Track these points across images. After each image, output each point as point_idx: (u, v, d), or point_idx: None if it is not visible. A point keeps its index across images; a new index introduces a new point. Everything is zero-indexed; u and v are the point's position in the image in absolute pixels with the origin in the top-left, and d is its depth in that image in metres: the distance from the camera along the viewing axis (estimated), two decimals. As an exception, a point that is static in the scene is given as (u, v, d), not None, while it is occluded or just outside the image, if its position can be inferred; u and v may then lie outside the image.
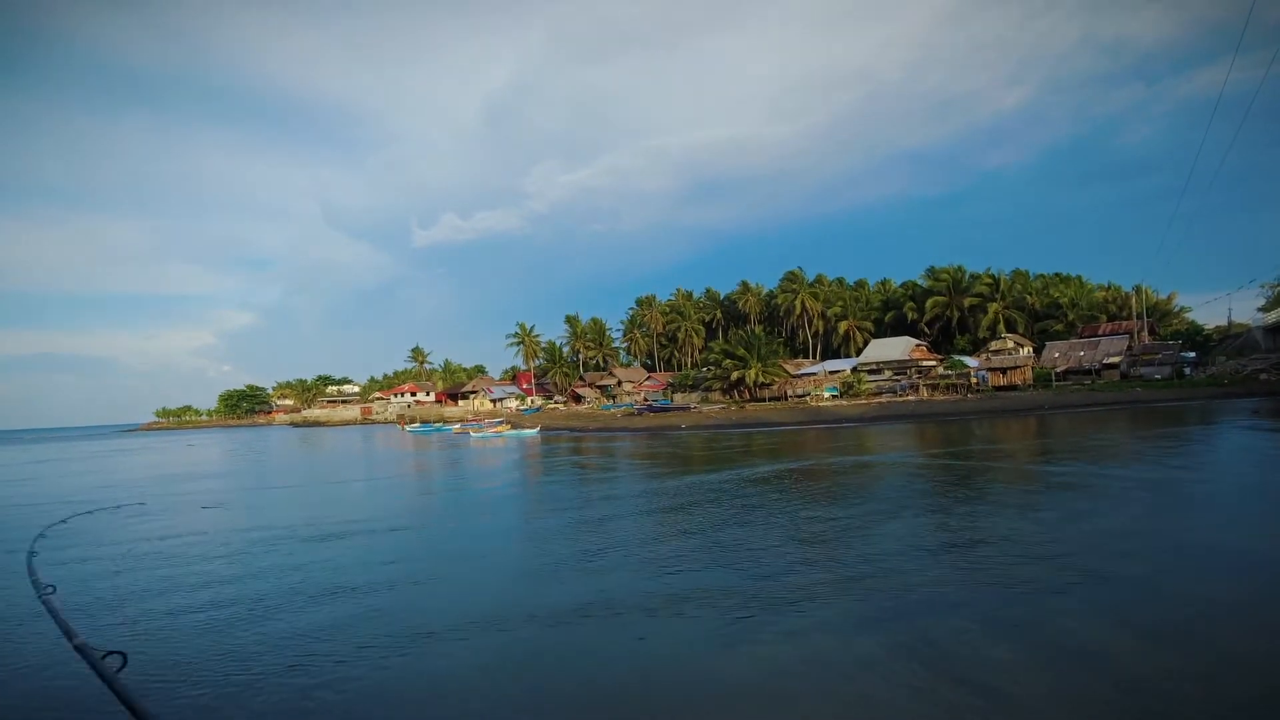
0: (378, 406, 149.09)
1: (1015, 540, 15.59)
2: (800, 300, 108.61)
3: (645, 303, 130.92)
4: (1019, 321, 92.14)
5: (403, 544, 20.22)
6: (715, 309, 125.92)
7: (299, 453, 68.65)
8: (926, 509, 20.33)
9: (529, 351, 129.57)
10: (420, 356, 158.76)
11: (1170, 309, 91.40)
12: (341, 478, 41.53)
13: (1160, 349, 77.64)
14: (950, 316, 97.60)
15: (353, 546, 19.56)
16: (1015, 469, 28.17)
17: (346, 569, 16.62)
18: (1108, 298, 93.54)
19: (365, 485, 37.17)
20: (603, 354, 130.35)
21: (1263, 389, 62.60)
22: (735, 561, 15.12)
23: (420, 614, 12.72)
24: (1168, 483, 22.93)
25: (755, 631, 10.87)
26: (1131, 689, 8.27)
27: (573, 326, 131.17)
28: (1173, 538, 15.60)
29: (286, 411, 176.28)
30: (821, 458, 36.20)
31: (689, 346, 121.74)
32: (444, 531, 22.63)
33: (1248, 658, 9.05)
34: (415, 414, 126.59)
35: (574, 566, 15.75)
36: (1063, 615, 10.73)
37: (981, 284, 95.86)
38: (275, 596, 14.33)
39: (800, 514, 20.48)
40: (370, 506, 28.82)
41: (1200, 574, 12.74)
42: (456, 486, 35.44)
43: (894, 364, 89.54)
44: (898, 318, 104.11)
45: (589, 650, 10.69)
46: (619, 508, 23.76)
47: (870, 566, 14.08)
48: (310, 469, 49.73)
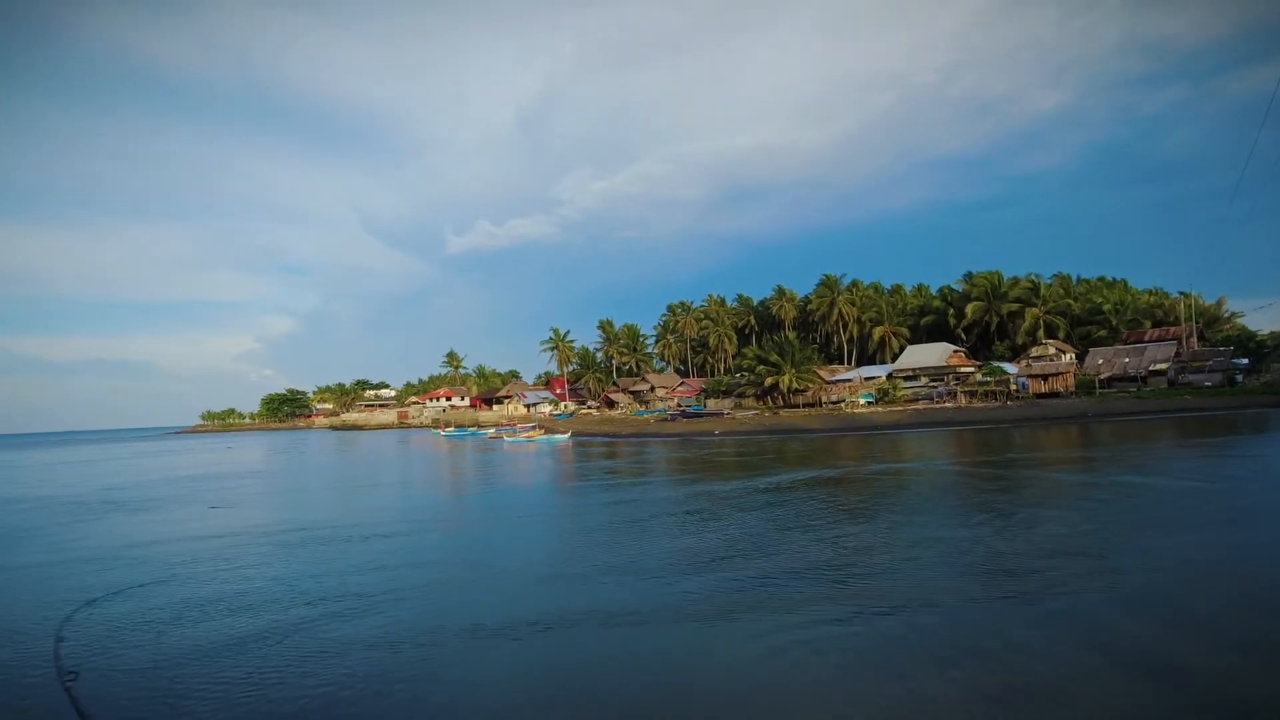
0: (414, 410, 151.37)
1: (1032, 553, 15.29)
2: (836, 306, 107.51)
3: (678, 308, 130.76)
4: (1060, 327, 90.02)
5: (430, 547, 20.52)
6: (748, 315, 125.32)
7: (336, 456, 69.99)
8: (954, 521, 20.01)
9: (563, 356, 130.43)
10: (455, 361, 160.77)
11: (1220, 314, 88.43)
12: (378, 481, 42.24)
13: (1210, 355, 75.16)
14: (989, 322, 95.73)
15: (380, 549, 19.91)
16: (1056, 479, 27.55)
17: (374, 571, 16.93)
18: (1153, 303, 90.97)
19: (399, 489, 37.78)
20: (636, 359, 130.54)
21: (1320, 397, 60.28)
22: (762, 569, 15.04)
23: (443, 617, 12.88)
24: (1210, 494, 22.24)
25: (780, 639, 10.81)
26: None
27: (606, 332, 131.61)
28: (1200, 554, 15.14)
29: (325, 415, 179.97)
30: (856, 465, 35.80)
31: (722, 352, 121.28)
32: (471, 536, 22.90)
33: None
34: (450, 418, 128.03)
35: (603, 572, 15.81)
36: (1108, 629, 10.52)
37: (1021, 289, 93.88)
38: (308, 602, 14.67)
39: (831, 523, 20.31)
40: (403, 509, 29.29)
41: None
42: (488, 491, 35.81)
43: (931, 370, 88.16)
44: (934, 323, 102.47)
45: (613, 654, 10.74)
46: (647, 513, 23.78)
47: (898, 577, 13.94)
48: (346, 471, 50.67)
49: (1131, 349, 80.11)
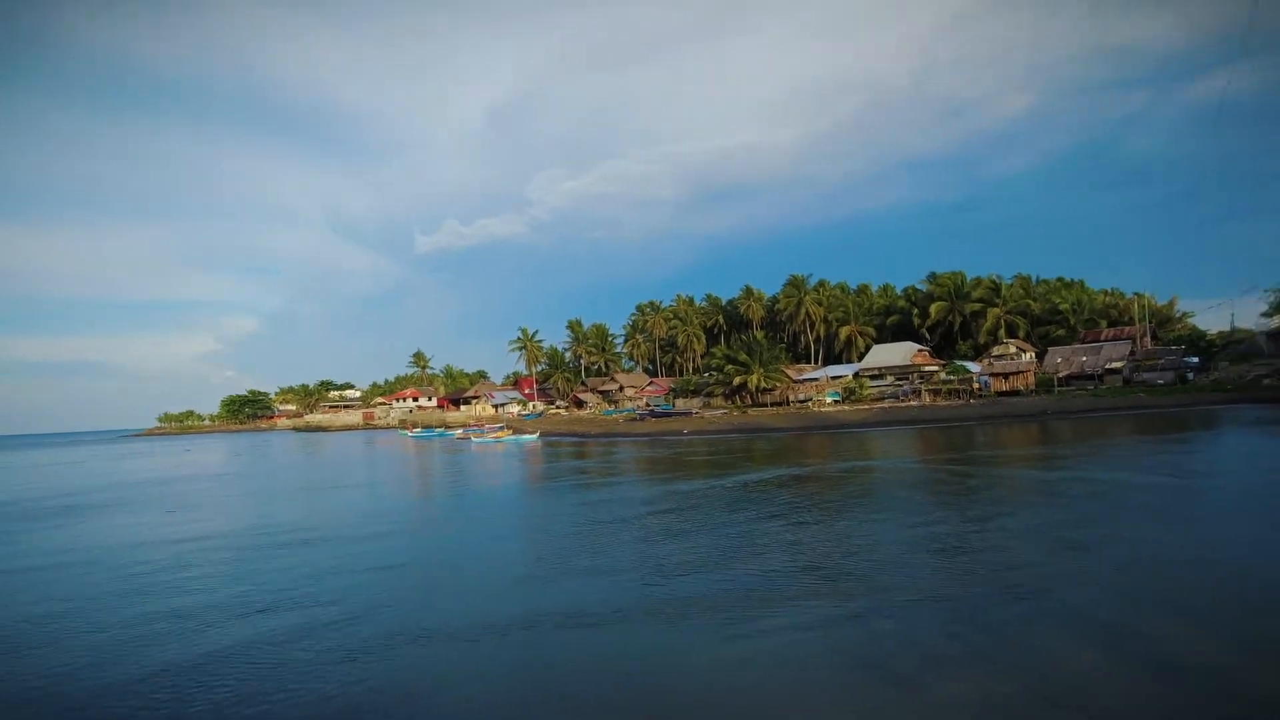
0: (380, 411, 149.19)
1: (1005, 549, 15.54)
2: (803, 305, 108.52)
3: (647, 308, 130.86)
4: (1020, 327, 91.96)
5: (396, 549, 20.17)
6: (717, 314, 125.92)
7: (299, 457, 68.65)
8: (923, 517, 20.25)
9: (531, 356, 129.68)
10: (422, 361, 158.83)
11: (1172, 314, 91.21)
12: (344, 482, 41.49)
13: (1163, 354, 77.49)
14: (952, 322, 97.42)
15: (345, 552, 19.53)
16: (1018, 476, 28.09)
17: (340, 574, 16.58)
18: (1109, 303, 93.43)
19: (365, 491, 37.12)
20: (605, 359, 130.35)
21: (1267, 395, 62.44)
22: (733, 567, 15.06)
23: (412, 621, 12.68)
24: (1163, 488, 22.87)
25: (751, 636, 10.83)
26: (1099, 682, 8.25)
27: (575, 332, 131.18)
28: (1158, 546, 15.53)
29: (289, 416, 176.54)
30: (823, 463, 36.11)
31: (690, 352, 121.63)
32: (440, 538, 22.62)
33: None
34: (417, 419, 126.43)
35: (574, 573, 15.70)
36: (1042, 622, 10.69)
37: (983, 289, 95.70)
38: (263, 604, 14.30)
39: (800, 521, 20.42)
40: (368, 511, 28.78)
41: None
42: (456, 492, 35.37)
43: (896, 369, 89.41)
44: (900, 323, 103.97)
45: (586, 654, 10.65)
46: (617, 514, 23.68)
47: (871, 573, 14.04)
48: (310, 473, 49.71)
49: (1089, 348, 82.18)
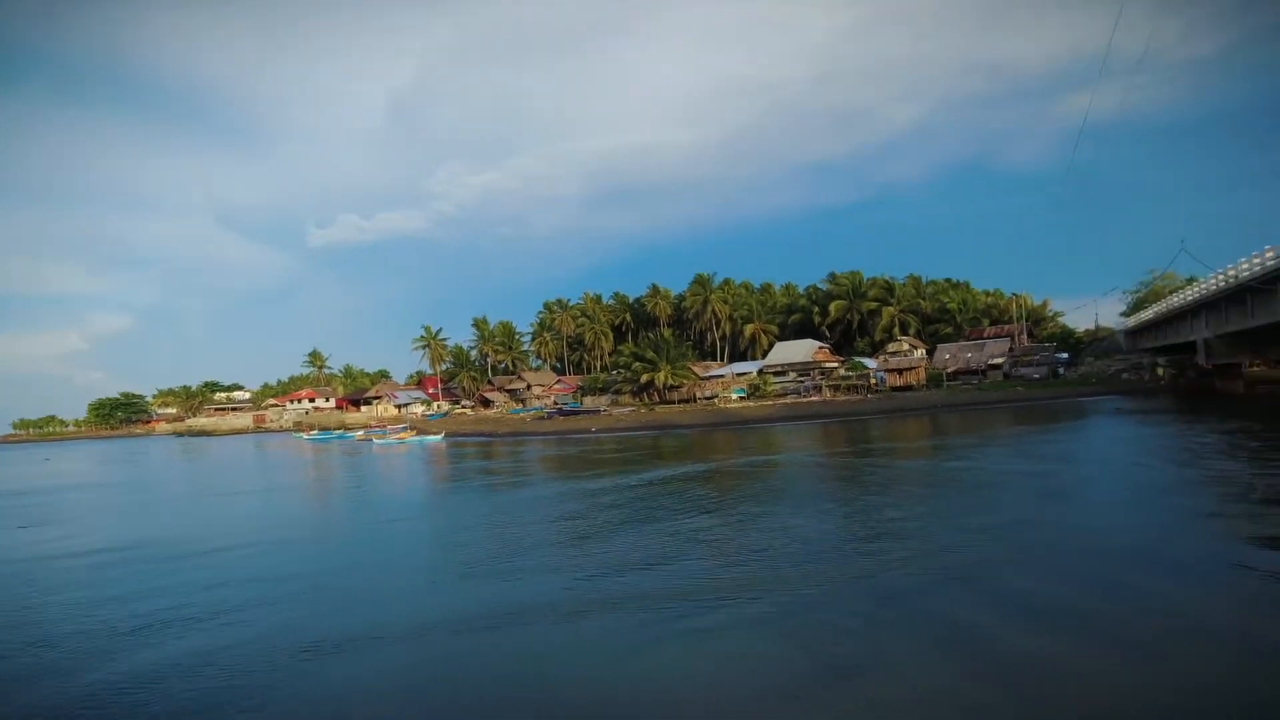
0: (272, 414, 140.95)
1: (897, 535, 16.02)
2: (709, 304, 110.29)
3: (555, 306, 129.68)
4: (912, 325, 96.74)
5: (291, 557, 18.84)
6: (625, 312, 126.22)
7: (181, 464, 63.87)
8: (828, 508, 20.69)
9: (435, 355, 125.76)
10: (319, 361, 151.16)
11: (1045, 314, 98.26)
12: (231, 489, 38.70)
13: (1037, 351, 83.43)
14: (850, 320, 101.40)
15: (236, 563, 18.08)
16: (910, 467, 29.27)
17: (230, 588, 15.26)
18: (991, 303, 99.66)
19: (255, 498, 34.73)
20: (512, 358, 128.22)
21: (1125, 387, 68.23)
22: (641, 564, 14.81)
23: (310, 630, 11.75)
24: (1042, 474, 24.35)
25: (662, 632, 10.60)
26: (1001, 661, 8.50)
27: (480, 330, 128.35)
28: (1049, 528, 16.42)
29: (169, 421, 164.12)
30: (729, 459, 36.58)
31: (598, 350, 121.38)
32: (336, 543, 21.33)
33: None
34: (314, 421, 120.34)
35: (479, 574, 15.05)
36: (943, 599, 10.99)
37: (878, 289, 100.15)
38: (149, 621, 12.94)
39: (704, 515, 20.43)
40: (258, 518, 26.90)
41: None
42: (356, 495, 33.63)
43: (798, 366, 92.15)
44: (801, 321, 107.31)
45: (497, 659, 10.12)
46: (526, 514, 23.07)
47: (770, 564, 14.09)
48: (192, 481, 46.22)
49: (973, 345, 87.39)
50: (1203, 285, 48.34)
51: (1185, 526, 15.55)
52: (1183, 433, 33.51)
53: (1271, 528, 14.52)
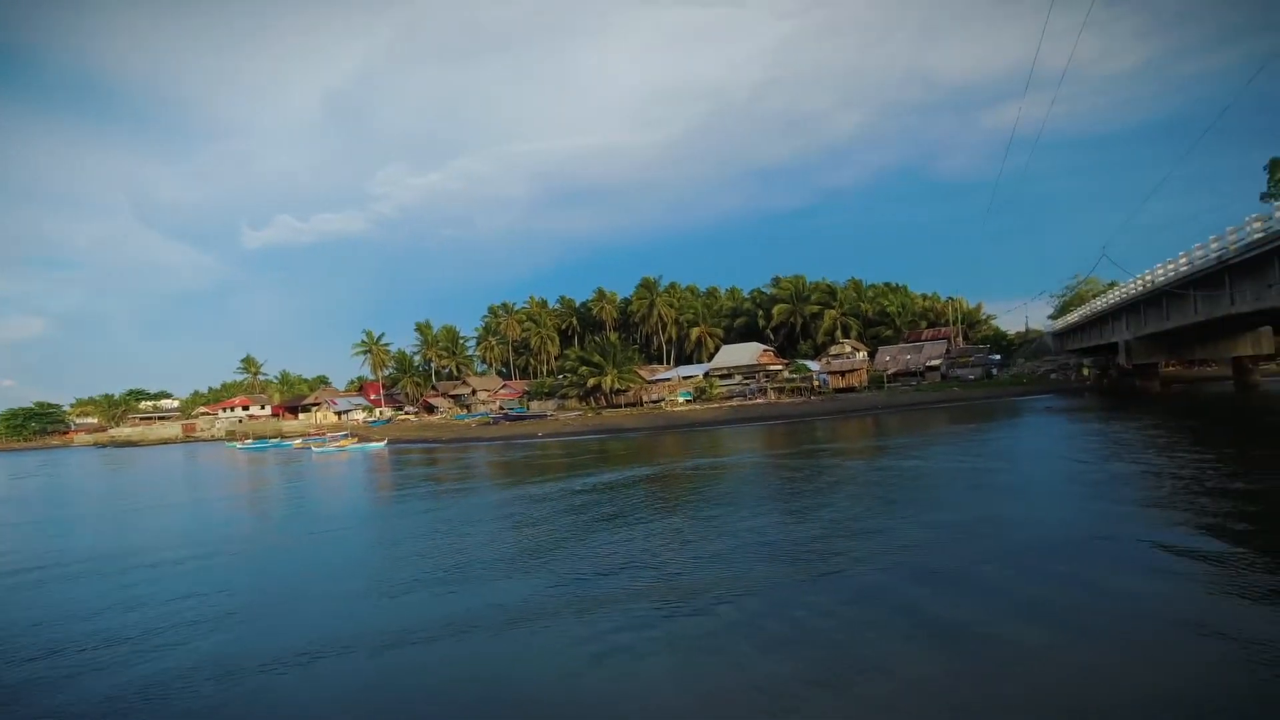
0: (203, 423, 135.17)
1: (836, 534, 16.25)
2: (655, 307, 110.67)
3: (500, 310, 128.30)
4: (854, 328, 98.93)
5: (218, 573, 17.93)
6: (571, 316, 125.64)
7: (104, 477, 60.67)
8: (771, 508, 20.84)
9: (377, 361, 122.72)
10: (253, 367, 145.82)
11: (980, 317, 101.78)
12: (159, 502, 36.85)
13: (972, 352, 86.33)
14: (794, 323, 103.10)
15: (162, 579, 17.15)
16: (853, 467, 29.79)
17: (155, 605, 14.46)
18: (928, 306, 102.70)
19: (184, 510, 33.14)
20: (456, 363, 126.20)
21: (1054, 386, 71.11)
22: (589, 570, 14.61)
23: (236, 651, 11.19)
24: (982, 471, 25.10)
25: (612, 637, 10.43)
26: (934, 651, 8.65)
27: (424, 334, 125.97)
28: (988, 523, 16.88)
29: (89, 431, 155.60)
30: (676, 461, 36.63)
31: (545, 354, 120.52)
32: (267, 556, 20.44)
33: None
34: (248, 429, 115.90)
35: (423, 584, 14.61)
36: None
37: (821, 292, 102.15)
38: (61, 646, 12.14)
39: (651, 519, 20.35)
40: (184, 533, 25.63)
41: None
42: (294, 506, 32.43)
43: (744, 369, 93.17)
44: (746, 324, 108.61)
45: (438, 669, 9.81)
46: (470, 521, 22.60)
47: (720, 566, 14.08)
48: (116, 494, 43.89)
49: (912, 347, 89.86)
50: (1123, 290, 50.70)
51: (1113, 517, 16.15)
52: (1105, 430, 35.01)
53: (1182, 517, 15.19)
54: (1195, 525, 14.68)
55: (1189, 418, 38.38)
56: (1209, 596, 10.60)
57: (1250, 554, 12.49)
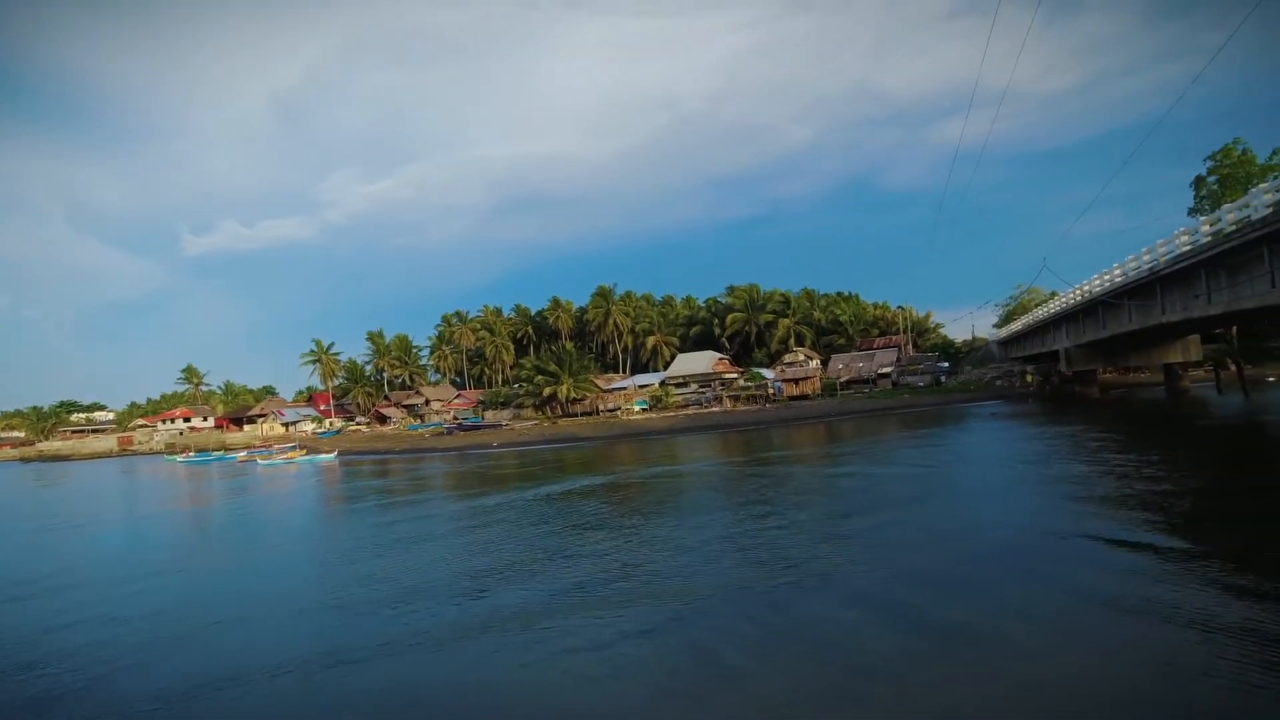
0: (140, 435, 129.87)
1: (790, 541, 16.40)
2: (610, 316, 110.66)
3: (453, 319, 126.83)
4: (808, 336, 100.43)
5: (147, 593, 17.17)
6: (526, 325, 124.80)
7: (30, 493, 57.76)
8: (726, 516, 20.91)
9: (327, 370, 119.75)
10: (196, 377, 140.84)
11: (929, 325, 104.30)
12: (91, 519, 35.18)
13: (922, 360, 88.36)
14: (749, 331, 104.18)
15: (94, 601, 16.37)
16: (807, 473, 30.15)
17: (87, 628, 13.77)
18: (879, 315, 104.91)
19: (121, 527, 31.74)
20: (409, 372, 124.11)
21: (999, 393, 73.20)
22: (540, 581, 14.44)
23: (158, 676, 10.71)
24: (933, 476, 25.64)
25: (561, 649, 10.30)
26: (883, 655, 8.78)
27: (376, 344, 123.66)
28: (933, 528, 17.22)
29: (14, 445, 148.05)
30: (632, 470, 36.54)
31: (499, 363, 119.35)
32: (200, 574, 19.65)
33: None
34: (190, 442, 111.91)
35: (374, 600, 14.22)
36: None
37: (775, 301, 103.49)
38: None
39: (608, 528, 20.23)
40: (125, 551, 24.56)
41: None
42: (238, 521, 31.32)
43: (699, 377, 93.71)
44: (702, 333, 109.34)
45: (391, 685, 9.52)
46: (423, 533, 22.14)
47: (671, 575, 14.06)
48: (45, 511, 41.78)
49: (864, 355, 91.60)
50: (1063, 299, 52.54)
51: (1056, 516, 16.63)
52: (1047, 434, 36.15)
53: (1120, 518, 15.72)
54: (1129, 522, 15.23)
55: (1124, 422, 39.91)
56: (1146, 587, 10.97)
57: (1179, 548, 12.98)
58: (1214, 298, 28.57)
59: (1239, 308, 27.03)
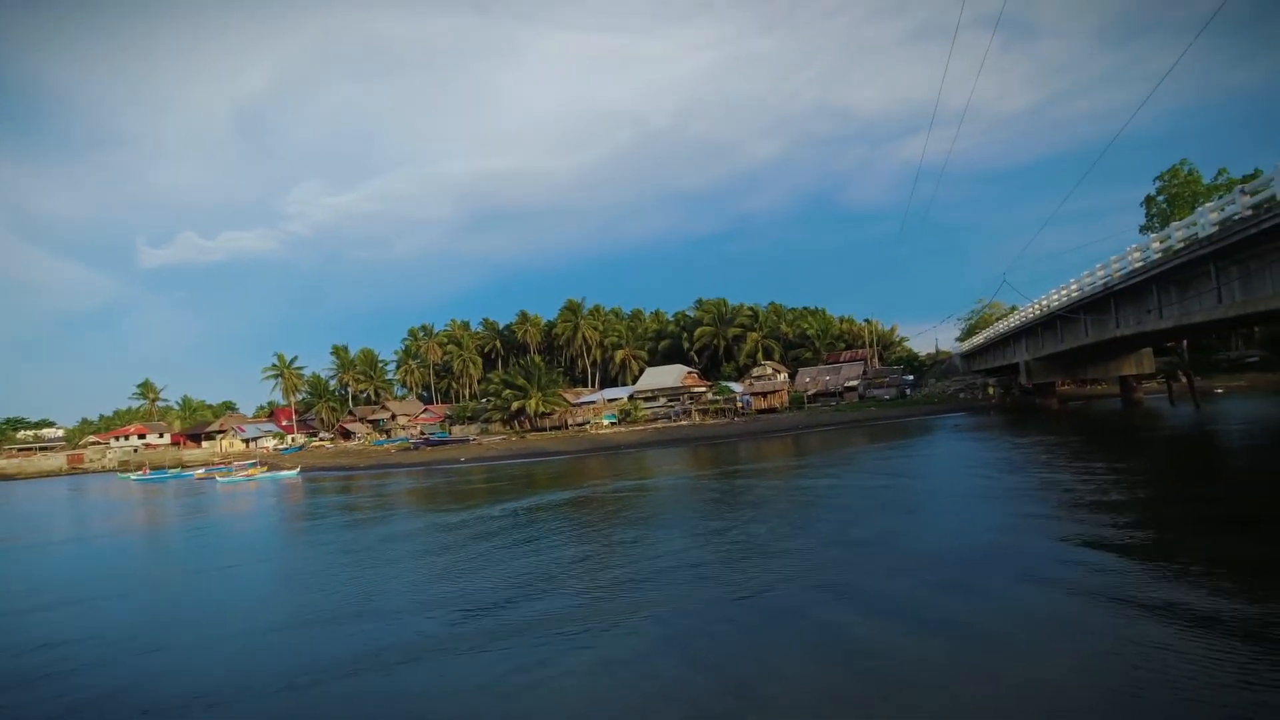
0: (92, 453, 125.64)
1: (760, 551, 16.49)
2: (579, 330, 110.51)
3: (420, 333, 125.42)
4: (775, 350, 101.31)
5: (98, 615, 16.59)
6: (494, 339, 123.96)
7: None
8: (696, 528, 20.94)
9: (289, 385, 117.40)
10: (151, 393, 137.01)
11: (894, 339, 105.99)
12: (38, 540, 33.87)
13: (888, 373, 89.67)
14: (717, 345, 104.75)
15: (42, 625, 15.75)
16: (776, 485, 30.33)
17: (35, 652, 13.24)
18: (845, 329, 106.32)
19: (69, 547, 30.62)
20: (375, 387, 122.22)
21: (962, 405, 74.57)
22: (512, 596, 14.28)
23: (115, 705, 10.34)
24: (899, 488, 25.99)
25: (532, 666, 10.17)
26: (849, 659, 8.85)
27: (341, 358, 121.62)
28: (901, 539, 17.45)
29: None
30: (601, 484, 36.40)
31: (467, 378, 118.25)
32: (156, 596, 19.03)
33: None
34: (145, 459, 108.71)
35: (336, 618, 13.91)
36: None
37: (743, 315, 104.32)
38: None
39: (576, 542, 20.11)
40: (74, 572, 23.69)
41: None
42: (195, 540, 30.41)
43: (668, 391, 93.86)
44: (671, 347, 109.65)
45: (357, 707, 9.31)
46: (388, 549, 21.77)
47: (647, 588, 14.02)
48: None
49: (831, 368, 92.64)
50: (1022, 314, 53.80)
51: (1019, 527, 16.96)
52: (1008, 445, 36.92)
53: (1079, 525, 16.10)
54: (1089, 528, 15.61)
55: (1081, 433, 40.90)
56: (1111, 588, 11.23)
57: (1129, 556, 13.33)
58: (1165, 312, 29.50)
59: (1188, 322, 27.94)
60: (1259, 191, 20.95)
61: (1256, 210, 20.90)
